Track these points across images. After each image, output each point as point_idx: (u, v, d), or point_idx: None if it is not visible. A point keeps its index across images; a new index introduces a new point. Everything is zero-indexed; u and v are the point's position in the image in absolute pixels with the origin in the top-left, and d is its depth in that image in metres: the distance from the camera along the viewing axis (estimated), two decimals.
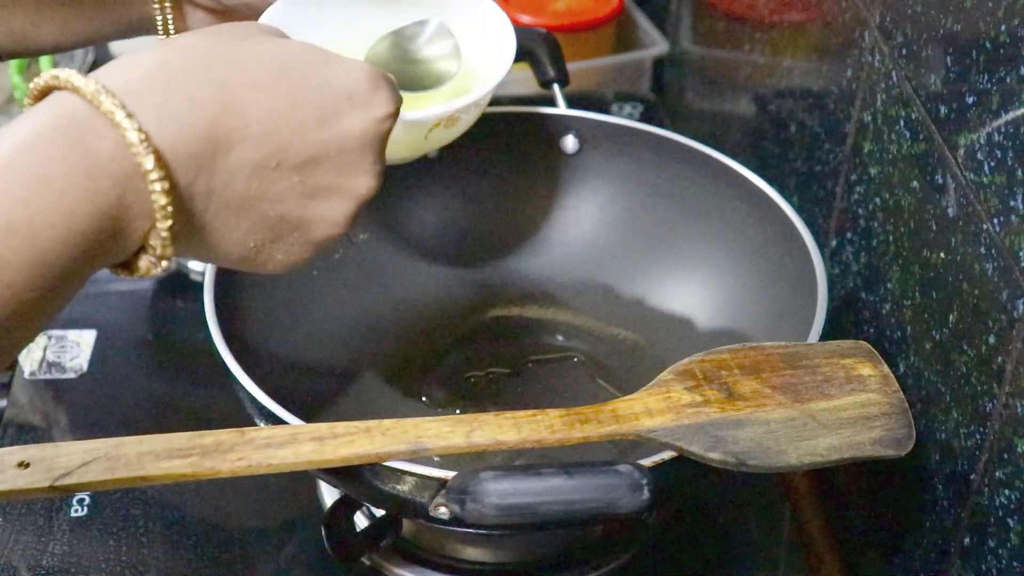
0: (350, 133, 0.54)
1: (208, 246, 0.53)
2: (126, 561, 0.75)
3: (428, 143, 0.72)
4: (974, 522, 0.62)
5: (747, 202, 0.81)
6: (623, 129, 0.88)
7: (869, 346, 0.67)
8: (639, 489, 0.56)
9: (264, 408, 0.64)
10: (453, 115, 0.69)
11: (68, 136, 0.47)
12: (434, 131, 0.70)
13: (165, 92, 0.49)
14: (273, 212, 0.53)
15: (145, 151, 0.47)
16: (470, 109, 0.70)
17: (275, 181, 0.52)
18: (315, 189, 0.54)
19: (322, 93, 0.54)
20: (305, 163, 0.53)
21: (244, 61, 0.52)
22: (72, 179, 0.46)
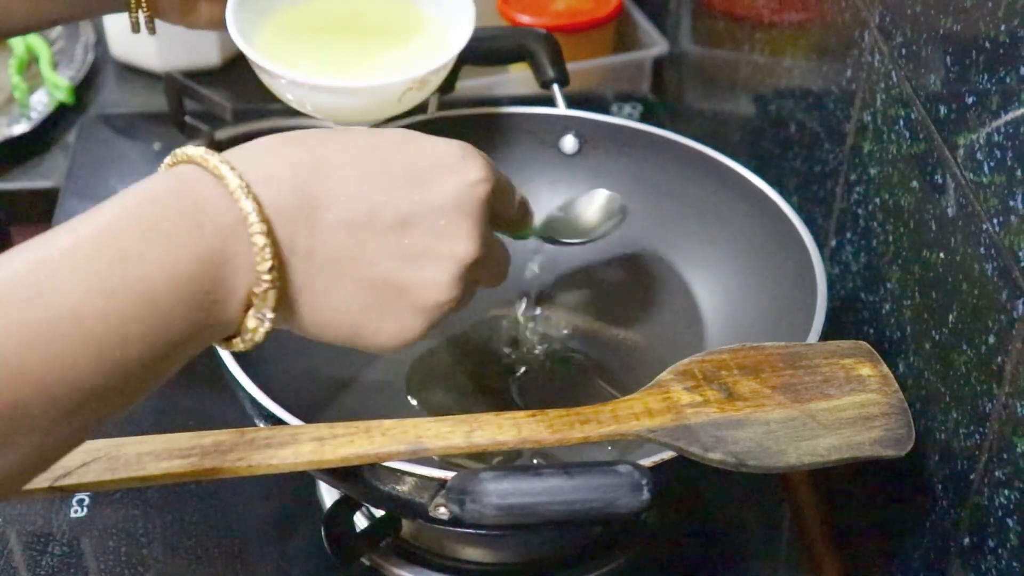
0: (443, 196, 0.55)
1: (312, 309, 0.54)
2: (126, 561, 0.75)
3: (402, 104, 0.74)
4: (974, 522, 0.62)
5: (747, 202, 0.81)
6: (623, 129, 0.88)
7: (869, 346, 0.67)
8: (639, 489, 0.56)
9: (264, 408, 0.64)
10: (425, 77, 0.72)
11: (180, 192, 0.50)
12: (407, 94, 0.72)
13: (265, 156, 0.53)
14: (373, 274, 0.54)
15: (245, 195, 0.50)
16: (439, 72, 0.73)
17: (370, 241, 0.54)
18: (413, 252, 0.55)
19: (413, 160, 0.56)
20: (399, 224, 0.54)
21: (339, 138, 0.56)
22: (179, 223, 0.49)
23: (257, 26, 0.74)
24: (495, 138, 0.89)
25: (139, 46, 1.23)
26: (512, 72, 1.22)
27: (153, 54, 1.22)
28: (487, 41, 0.91)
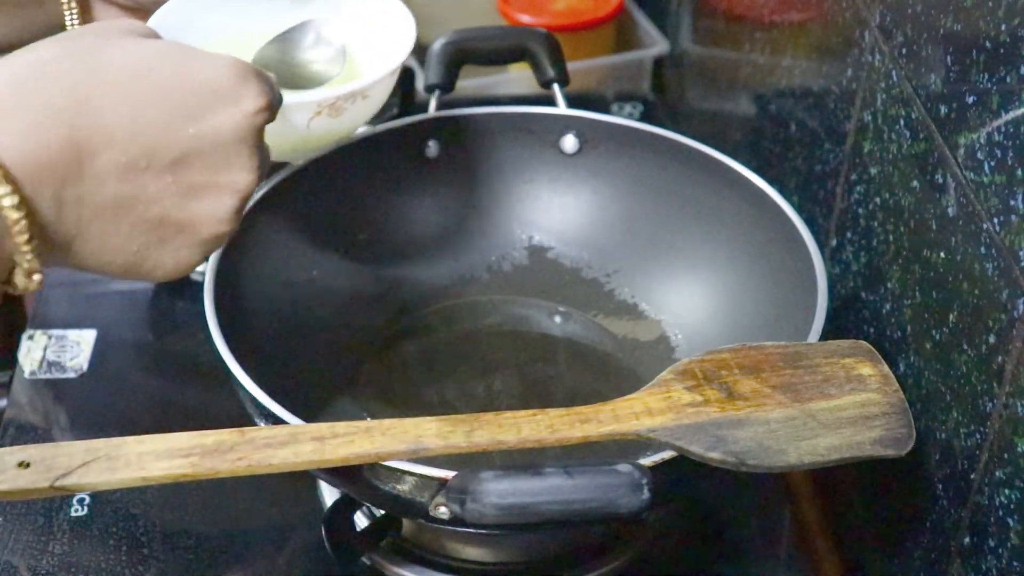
0: (220, 128, 0.53)
1: (89, 254, 0.52)
2: (126, 561, 0.75)
3: (312, 134, 0.70)
4: (974, 522, 0.62)
5: (747, 202, 0.82)
6: (623, 129, 0.88)
7: (869, 346, 0.67)
8: (639, 489, 0.56)
9: (264, 408, 0.64)
10: (335, 103, 0.67)
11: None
12: (316, 120, 0.67)
13: (15, 106, 0.49)
14: (151, 214, 0.52)
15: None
16: (355, 99, 0.68)
17: (148, 182, 0.52)
18: (191, 187, 0.53)
19: (187, 90, 0.53)
20: (176, 162, 0.52)
21: (103, 65, 0.52)
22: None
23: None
24: (495, 138, 0.89)
25: None
26: (512, 72, 1.22)
27: None
28: (487, 41, 0.91)
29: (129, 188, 0.51)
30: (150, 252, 0.53)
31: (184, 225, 0.54)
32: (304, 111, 0.67)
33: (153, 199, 0.52)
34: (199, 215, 0.54)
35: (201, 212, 0.54)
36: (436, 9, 1.28)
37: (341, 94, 0.67)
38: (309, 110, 0.67)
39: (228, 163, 0.54)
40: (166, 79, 0.53)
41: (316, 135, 0.70)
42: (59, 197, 0.50)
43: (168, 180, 0.52)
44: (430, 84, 0.88)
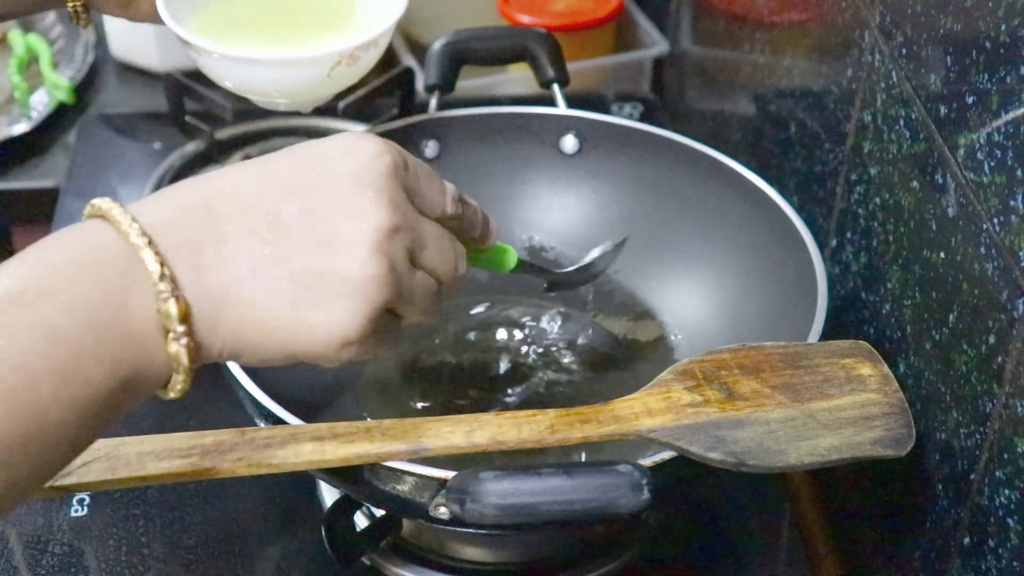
0: (342, 174, 0.54)
1: (236, 322, 0.52)
2: (126, 561, 0.75)
3: (332, 82, 0.74)
4: (974, 522, 0.62)
5: (747, 202, 0.82)
6: (623, 129, 0.88)
7: (869, 346, 0.67)
8: (639, 489, 0.56)
9: (264, 408, 0.64)
10: (354, 52, 0.72)
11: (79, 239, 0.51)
12: (336, 69, 0.73)
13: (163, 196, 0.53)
14: (289, 268, 0.52)
15: (132, 226, 0.50)
16: (368, 48, 0.74)
17: (279, 238, 0.52)
18: (324, 235, 0.53)
19: (310, 155, 0.55)
20: (305, 213, 0.53)
21: (238, 165, 0.55)
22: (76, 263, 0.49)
23: (190, 16, 0.75)
24: (495, 138, 0.89)
25: (139, 46, 1.23)
26: (512, 72, 1.22)
27: (153, 54, 1.22)
28: (487, 41, 0.91)
29: (262, 245, 0.52)
30: (300, 311, 0.53)
31: (324, 273, 0.53)
32: (327, 62, 0.72)
33: (287, 255, 0.52)
34: (338, 260, 0.53)
35: (339, 257, 0.53)
36: (436, 9, 1.28)
37: (358, 44, 0.72)
38: (331, 61, 0.72)
39: (355, 204, 0.53)
40: (291, 154, 0.55)
41: (336, 82, 0.74)
42: (197, 261, 0.51)
43: (300, 232, 0.52)
44: (430, 84, 0.88)
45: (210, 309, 0.51)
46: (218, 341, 0.51)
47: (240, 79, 0.73)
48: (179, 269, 0.50)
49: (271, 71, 0.72)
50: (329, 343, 0.53)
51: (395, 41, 1.27)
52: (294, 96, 0.76)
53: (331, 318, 0.53)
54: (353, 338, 0.53)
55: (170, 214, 0.51)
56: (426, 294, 0.57)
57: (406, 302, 0.56)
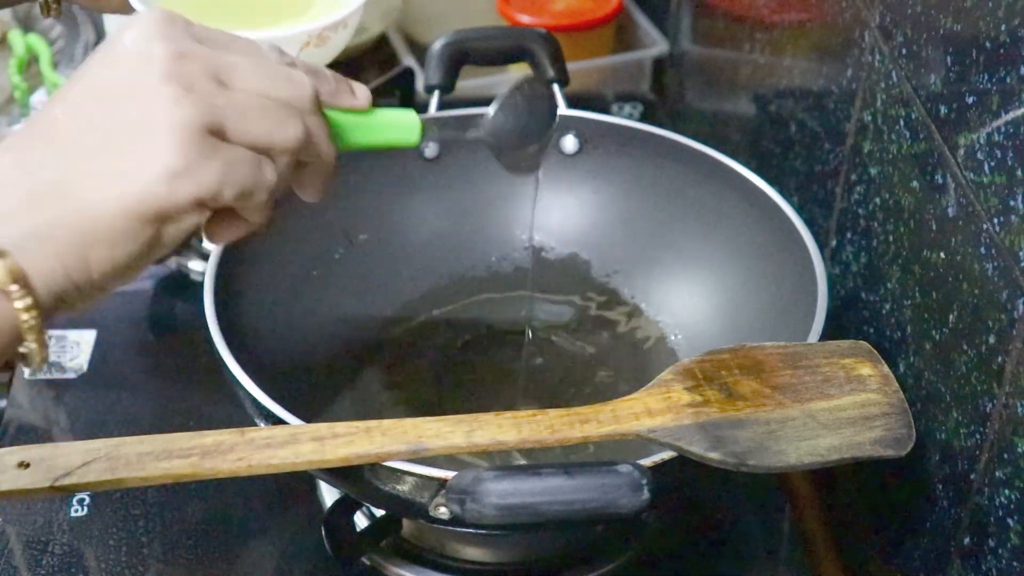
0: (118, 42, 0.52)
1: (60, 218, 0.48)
2: (126, 561, 0.75)
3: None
4: (974, 522, 0.62)
5: (747, 202, 0.81)
6: (623, 129, 0.88)
7: (869, 346, 0.67)
8: (639, 489, 0.56)
9: (264, 408, 0.64)
10: (322, 33, 0.71)
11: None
12: (306, 51, 0.71)
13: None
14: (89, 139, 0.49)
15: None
16: (337, 28, 0.72)
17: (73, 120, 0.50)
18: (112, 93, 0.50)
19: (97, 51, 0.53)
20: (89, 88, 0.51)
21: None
22: None
23: (158, 3, 0.75)
24: None
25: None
26: (512, 72, 1.22)
27: None
28: (487, 41, 0.91)
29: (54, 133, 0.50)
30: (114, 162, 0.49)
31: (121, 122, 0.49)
32: (295, 42, 0.70)
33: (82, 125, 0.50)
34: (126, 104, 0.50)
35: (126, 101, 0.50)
36: (436, 9, 1.29)
37: (327, 24, 0.71)
38: (299, 41, 0.71)
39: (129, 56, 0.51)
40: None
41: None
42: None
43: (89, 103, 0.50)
44: (430, 84, 0.88)
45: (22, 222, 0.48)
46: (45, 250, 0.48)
47: None
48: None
49: None
50: (154, 181, 0.49)
51: (395, 41, 1.27)
52: None
53: (144, 156, 0.49)
54: (175, 166, 0.49)
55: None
56: (261, 112, 0.52)
57: (234, 122, 0.51)
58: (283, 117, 0.53)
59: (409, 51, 1.23)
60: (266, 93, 0.52)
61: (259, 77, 0.52)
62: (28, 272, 0.47)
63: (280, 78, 0.53)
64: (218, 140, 0.50)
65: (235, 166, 0.50)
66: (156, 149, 0.49)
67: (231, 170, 0.50)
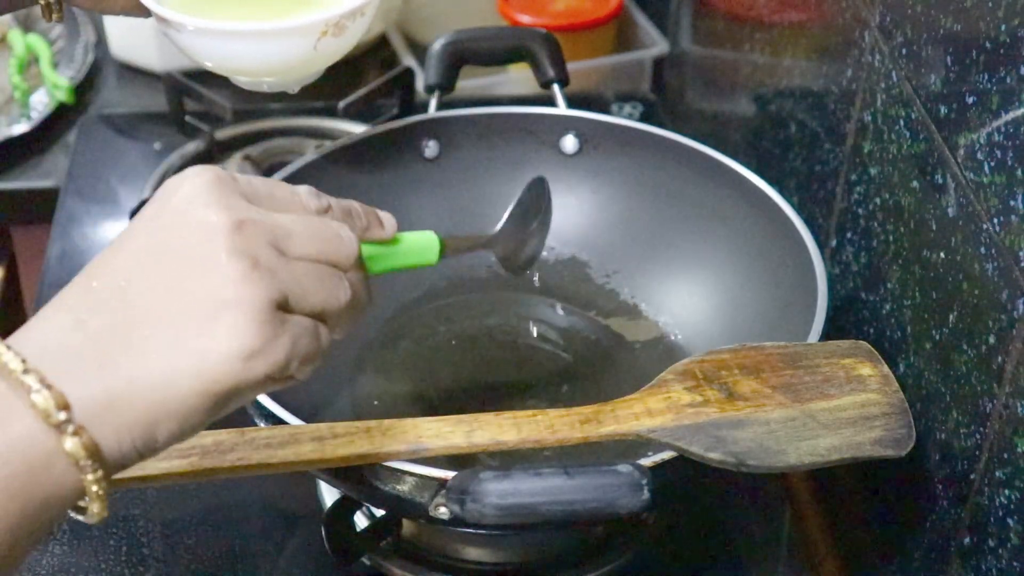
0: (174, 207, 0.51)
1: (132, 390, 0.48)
2: (126, 561, 0.75)
3: (318, 55, 0.71)
4: (974, 522, 0.62)
5: (747, 202, 0.82)
6: (623, 129, 0.88)
7: (869, 346, 0.67)
8: (639, 489, 0.56)
9: (264, 408, 0.64)
10: (340, 22, 0.69)
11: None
12: (323, 40, 0.69)
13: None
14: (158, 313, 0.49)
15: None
16: (355, 16, 0.70)
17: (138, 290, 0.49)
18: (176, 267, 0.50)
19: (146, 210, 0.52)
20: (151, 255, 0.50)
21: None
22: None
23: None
24: (495, 138, 0.89)
25: (139, 46, 1.23)
26: (512, 72, 1.22)
27: (153, 54, 1.22)
28: (487, 41, 0.91)
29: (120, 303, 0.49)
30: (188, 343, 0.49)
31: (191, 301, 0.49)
32: (312, 33, 0.69)
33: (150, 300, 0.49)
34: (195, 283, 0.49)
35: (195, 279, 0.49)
36: (436, 9, 1.29)
37: (344, 12, 0.69)
38: (317, 30, 0.69)
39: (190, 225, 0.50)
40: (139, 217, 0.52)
41: (322, 55, 0.71)
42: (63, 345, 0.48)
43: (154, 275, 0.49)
44: (430, 84, 0.88)
45: (95, 393, 0.47)
46: (117, 423, 0.47)
47: (221, 56, 0.70)
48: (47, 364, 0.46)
49: (253, 45, 0.69)
50: (230, 361, 0.49)
51: (395, 41, 1.27)
52: (279, 73, 0.73)
53: (219, 335, 0.49)
54: (251, 346, 0.49)
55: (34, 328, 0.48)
56: (318, 281, 0.53)
57: (297, 295, 0.52)
58: (335, 282, 0.54)
59: (409, 51, 1.23)
60: (318, 259, 0.54)
61: (311, 241, 0.53)
62: (100, 446, 0.47)
63: (328, 239, 0.54)
64: (283, 313, 0.51)
65: (300, 338, 0.52)
66: (231, 329, 0.49)
67: (297, 342, 0.51)
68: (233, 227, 0.50)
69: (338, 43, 0.71)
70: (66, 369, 0.47)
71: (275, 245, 0.52)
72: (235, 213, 0.50)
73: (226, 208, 0.50)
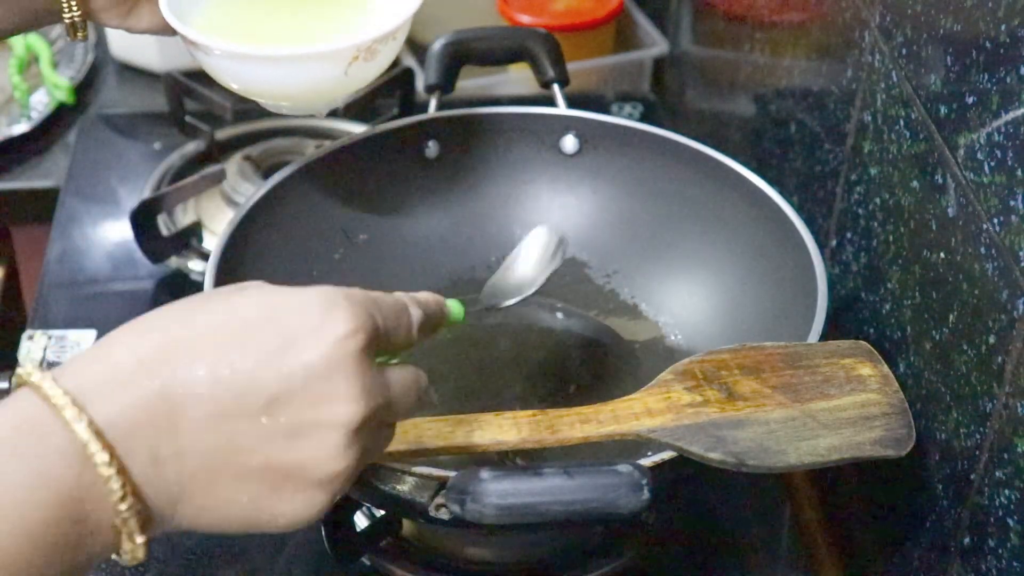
0: (311, 360, 0.49)
1: (197, 513, 0.49)
2: None
3: (349, 80, 0.70)
4: (974, 522, 0.62)
5: (747, 202, 0.81)
6: (623, 129, 0.88)
7: (869, 346, 0.67)
8: (639, 489, 0.56)
9: None
10: (372, 46, 0.68)
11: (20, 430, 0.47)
12: (353, 65, 0.68)
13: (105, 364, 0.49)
14: (253, 462, 0.49)
15: (79, 421, 0.46)
16: (387, 40, 0.69)
17: (243, 429, 0.49)
18: (290, 428, 0.49)
19: (272, 330, 0.50)
20: (270, 403, 0.49)
21: (192, 316, 0.51)
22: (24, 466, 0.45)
23: (194, 14, 0.71)
24: (495, 138, 0.89)
25: (139, 46, 1.23)
26: (512, 72, 1.22)
27: (153, 54, 1.22)
28: (487, 41, 0.91)
29: (225, 438, 0.49)
30: (263, 502, 0.50)
31: (291, 469, 0.50)
32: (343, 58, 0.67)
33: (252, 446, 0.49)
34: (305, 458, 0.50)
35: (306, 454, 0.50)
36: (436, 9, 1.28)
37: (377, 37, 0.68)
38: (348, 56, 0.67)
39: (325, 397, 0.49)
40: (251, 322, 0.50)
41: (353, 80, 0.70)
42: (155, 454, 0.47)
43: (264, 423, 0.49)
44: (430, 84, 0.88)
45: (165, 502, 0.48)
46: (174, 524, 0.49)
47: (248, 80, 0.69)
48: (133, 465, 0.47)
49: (282, 69, 0.67)
50: (291, 527, 0.51)
51: None
52: (308, 98, 0.72)
53: (293, 509, 0.51)
54: (313, 519, 0.52)
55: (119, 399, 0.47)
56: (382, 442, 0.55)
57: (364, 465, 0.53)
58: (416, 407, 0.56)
59: (409, 51, 1.23)
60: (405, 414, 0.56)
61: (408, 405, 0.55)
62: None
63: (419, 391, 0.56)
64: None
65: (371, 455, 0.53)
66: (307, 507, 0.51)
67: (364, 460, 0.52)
68: (363, 421, 0.50)
69: (369, 68, 0.70)
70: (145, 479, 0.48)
71: (382, 421, 0.53)
72: (370, 403, 0.51)
73: (363, 394, 0.50)
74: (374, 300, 0.53)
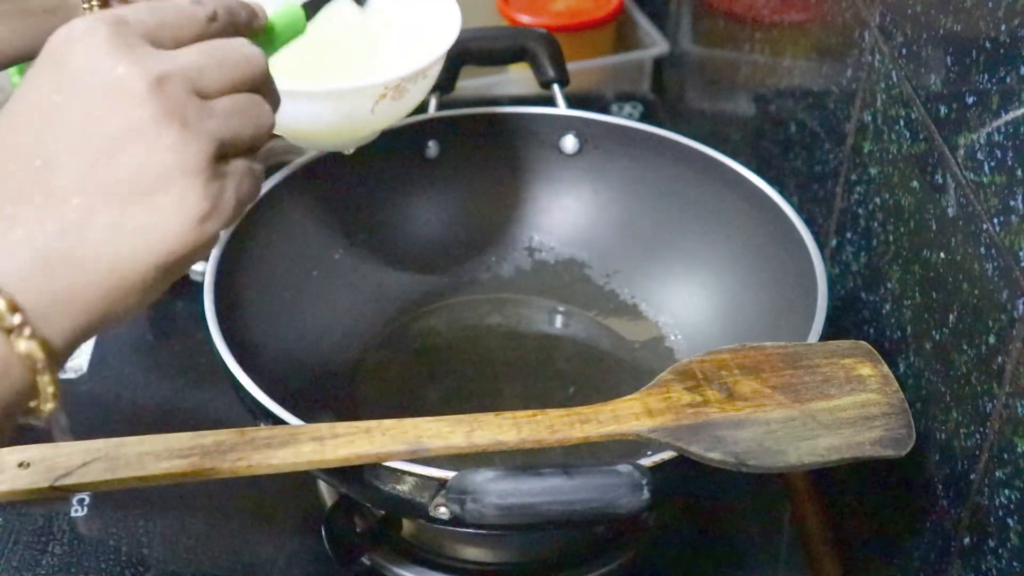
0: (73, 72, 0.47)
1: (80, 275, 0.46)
2: (126, 562, 0.75)
3: (375, 118, 0.68)
4: (974, 522, 0.62)
5: (747, 202, 0.82)
6: (623, 129, 0.88)
7: (869, 346, 0.67)
8: (639, 489, 0.56)
9: (264, 408, 0.64)
10: (400, 84, 0.66)
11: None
12: (381, 103, 0.66)
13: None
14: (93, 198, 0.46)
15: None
16: (416, 79, 0.67)
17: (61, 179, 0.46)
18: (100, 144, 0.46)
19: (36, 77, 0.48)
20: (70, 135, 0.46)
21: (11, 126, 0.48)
22: None
23: None
24: (495, 138, 0.89)
25: None
26: (512, 72, 1.22)
27: None
28: (487, 41, 0.91)
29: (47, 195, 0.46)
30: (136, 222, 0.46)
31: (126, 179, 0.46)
32: (370, 95, 0.65)
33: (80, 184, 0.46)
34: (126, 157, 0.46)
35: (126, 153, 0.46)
36: None
37: (406, 75, 0.66)
38: (375, 94, 0.65)
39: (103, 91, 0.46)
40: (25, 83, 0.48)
41: (379, 119, 0.68)
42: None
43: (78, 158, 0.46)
44: None
45: (43, 290, 0.45)
46: (71, 315, 0.46)
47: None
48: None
49: (306, 105, 0.65)
50: (183, 230, 0.47)
51: None
52: (331, 136, 0.70)
53: (166, 208, 0.47)
54: (201, 210, 0.47)
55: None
56: (244, 116, 0.50)
57: (229, 139, 0.49)
58: (259, 110, 0.51)
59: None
60: (236, 88, 0.50)
61: (224, 71, 0.50)
62: (53, 343, 0.45)
63: (236, 61, 0.51)
64: (222, 165, 0.48)
65: (242, 182, 0.49)
66: (177, 200, 0.47)
67: (240, 188, 0.49)
68: (151, 88, 0.46)
69: (396, 107, 0.67)
70: (9, 270, 0.44)
71: (194, 90, 0.48)
72: (147, 68, 0.47)
73: (137, 64, 0.47)
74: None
